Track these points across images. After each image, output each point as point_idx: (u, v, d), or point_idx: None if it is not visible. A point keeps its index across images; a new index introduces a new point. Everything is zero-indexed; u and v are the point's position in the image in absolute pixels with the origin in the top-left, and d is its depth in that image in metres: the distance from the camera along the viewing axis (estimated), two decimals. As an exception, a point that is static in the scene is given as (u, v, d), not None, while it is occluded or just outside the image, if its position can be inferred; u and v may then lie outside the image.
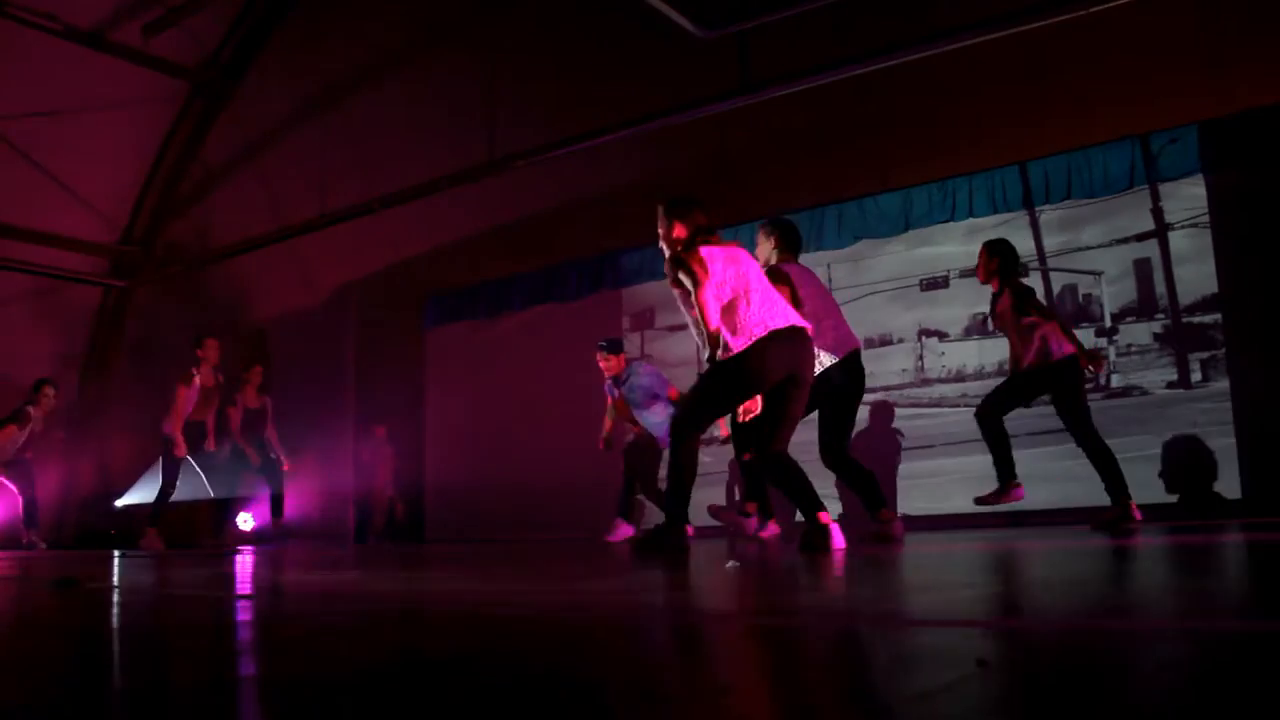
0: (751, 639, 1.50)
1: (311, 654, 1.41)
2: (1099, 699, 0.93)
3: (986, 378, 7.87)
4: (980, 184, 7.85)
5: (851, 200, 8.38)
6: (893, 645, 1.29)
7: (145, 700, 1.06)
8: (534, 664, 1.23)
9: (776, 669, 1.18)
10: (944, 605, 1.85)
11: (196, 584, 3.40)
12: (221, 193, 12.48)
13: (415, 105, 10.38)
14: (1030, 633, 1.41)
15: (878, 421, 8.33)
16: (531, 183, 9.30)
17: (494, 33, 9.49)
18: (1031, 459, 7.52)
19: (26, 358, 10.69)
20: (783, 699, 0.98)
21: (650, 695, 1.01)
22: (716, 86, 7.86)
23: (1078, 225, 7.60)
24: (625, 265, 9.58)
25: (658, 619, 1.80)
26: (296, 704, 1.01)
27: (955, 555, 3.65)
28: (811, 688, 1.01)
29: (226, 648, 1.51)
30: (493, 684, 1.08)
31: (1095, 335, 7.44)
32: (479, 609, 2.03)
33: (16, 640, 1.74)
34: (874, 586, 2.40)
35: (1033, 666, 1.09)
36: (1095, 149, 7.39)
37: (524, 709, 0.94)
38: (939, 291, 8.18)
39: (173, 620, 2.12)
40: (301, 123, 11.39)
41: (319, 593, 2.83)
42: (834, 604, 2.02)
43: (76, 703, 1.05)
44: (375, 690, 1.02)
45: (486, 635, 1.55)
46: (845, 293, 8.60)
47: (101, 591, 2.94)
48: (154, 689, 1.14)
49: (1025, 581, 2.39)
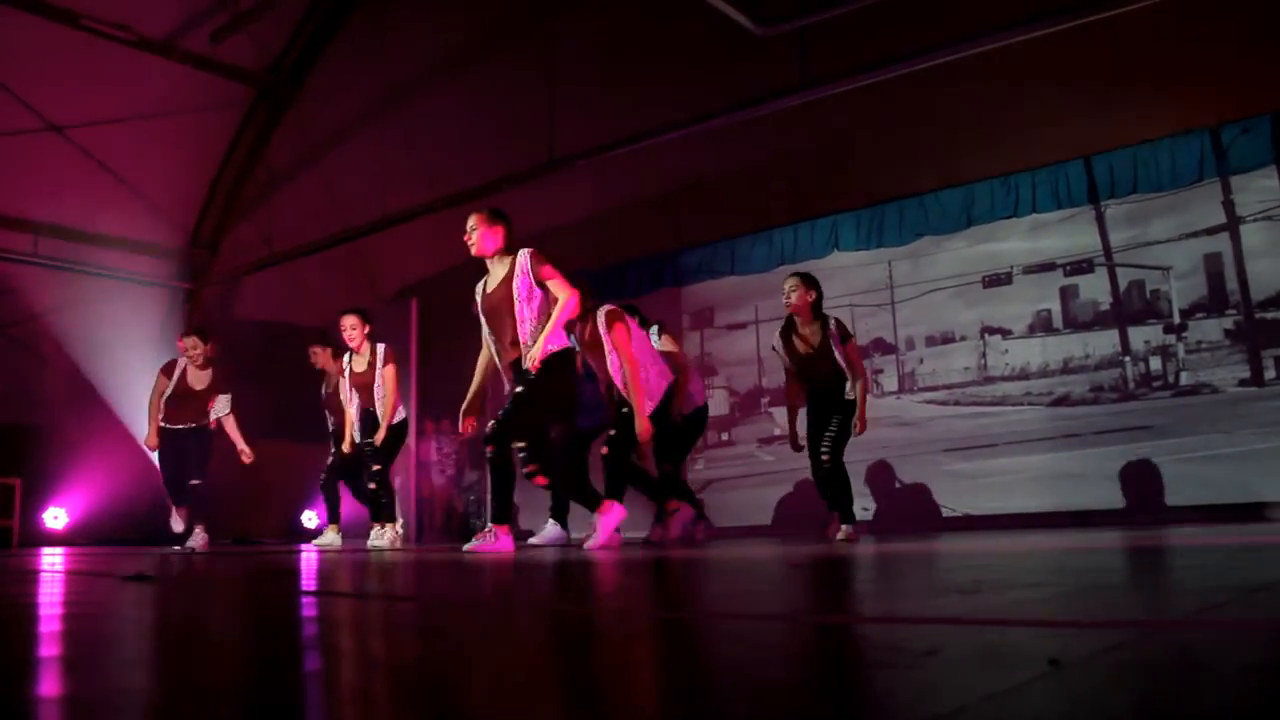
0: (808, 638, 1.50)
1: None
2: (1176, 700, 0.91)
3: (1051, 375, 7.77)
4: (1044, 179, 7.76)
5: (912, 197, 8.31)
6: (958, 645, 1.29)
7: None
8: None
9: (837, 670, 1.18)
10: (1010, 605, 1.83)
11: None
12: (285, 195, 12.66)
13: (475, 105, 10.45)
14: (1104, 632, 1.39)
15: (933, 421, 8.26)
16: (590, 181, 9.33)
17: (553, 32, 9.53)
18: (1097, 458, 7.42)
19: (104, 362, 10.91)
20: (847, 699, 0.98)
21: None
22: (775, 84, 7.83)
23: (1145, 220, 7.47)
24: (684, 263, 9.59)
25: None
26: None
27: (1020, 555, 3.61)
28: (876, 690, 1.01)
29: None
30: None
31: (1164, 332, 7.31)
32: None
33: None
34: (936, 586, 2.38)
35: (1107, 667, 1.08)
36: (1163, 141, 7.27)
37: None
38: (1002, 288, 8.09)
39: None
40: (363, 124, 11.53)
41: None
42: (896, 603, 2.01)
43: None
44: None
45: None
46: (906, 290, 8.54)
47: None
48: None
49: (1095, 581, 2.35)
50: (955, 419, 8.17)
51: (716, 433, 9.47)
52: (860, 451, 7.99)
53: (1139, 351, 7.43)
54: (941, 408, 8.26)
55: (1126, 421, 7.34)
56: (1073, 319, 7.76)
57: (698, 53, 8.87)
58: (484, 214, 5.61)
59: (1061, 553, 3.68)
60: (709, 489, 9.29)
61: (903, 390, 8.50)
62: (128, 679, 1.19)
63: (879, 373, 8.53)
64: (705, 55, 8.77)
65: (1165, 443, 7.16)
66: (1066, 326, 7.78)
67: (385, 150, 10.70)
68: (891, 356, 8.59)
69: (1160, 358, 7.34)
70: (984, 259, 8.15)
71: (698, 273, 9.51)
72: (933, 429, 8.23)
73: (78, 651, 1.45)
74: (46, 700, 1.03)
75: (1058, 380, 7.75)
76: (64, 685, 1.13)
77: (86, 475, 11.16)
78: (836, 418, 6.24)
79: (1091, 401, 7.57)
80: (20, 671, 1.24)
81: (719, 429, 9.46)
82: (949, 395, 8.22)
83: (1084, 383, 7.63)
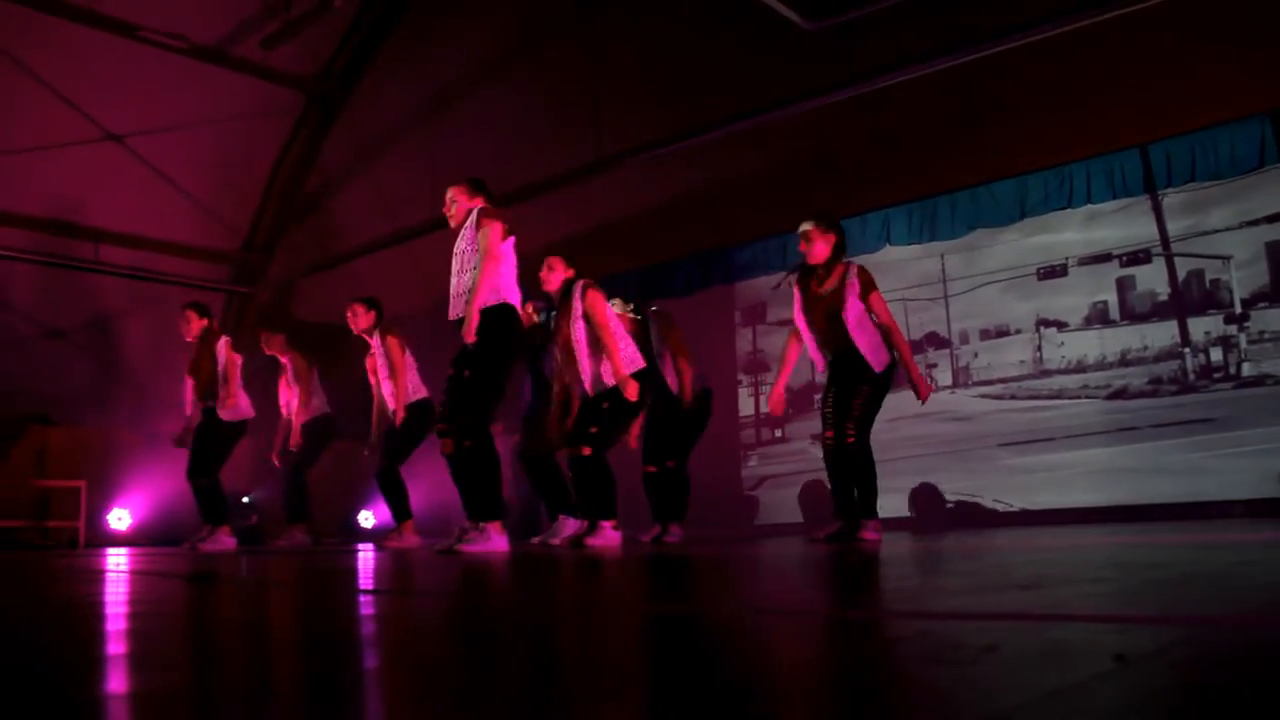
0: (871, 637, 1.49)
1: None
2: (1245, 698, 0.90)
3: (1108, 368, 7.66)
4: (1098, 168, 7.64)
5: (964, 189, 8.22)
6: (1019, 642, 1.27)
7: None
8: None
9: (894, 666, 1.18)
10: (1072, 600, 1.81)
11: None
12: (337, 198, 12.81)
13: (522, 106, 10.50)
14: (1168, 629, 1.37)
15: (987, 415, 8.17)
16: (637, 180, 9.33)
17: (598, 31, 9.54)
18: (1156, 452, 7.31)
19: (164, 365, 11.09)
20: (904, 696, 0.98)
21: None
22: (824, 78, 7.79)
23: (1204, 208, 7.34)
24: (736, 260, 9.57)
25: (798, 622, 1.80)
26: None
27: (1080, 550, 3.56)
28: (936, 686, 1.01)
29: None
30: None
31: (1225, 322, 7.18)
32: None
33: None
34: (995, 581, 2.36)
35: (1174, 664, 1.07)
36: (1221, 128, 7.13)
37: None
38: (1057, 280, 7.99)
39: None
40: (413, 127, 11.63)
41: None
42: (954, 599, 1.99)
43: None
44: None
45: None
46: (959, 283, 8.46)
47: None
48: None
49: (1157, 576, 2.32)
50: (1011, 413, 8.08)
51: (770, 429, 9.44)
52: (912, 447, 7.94)
53: (1199, 343, 7.30)
54: (997, 401, 8.17)
55: (1186, 414, 7.23)
56: (1130, 310, 7.64)
57: (744, 48, 8.84)
58: (464, 185, 5.43)
59: (1121, 547, 3.63)
60: (763, 485, 9.27)
61: (957, 385, 8.42)
62: (190, 676, 1.21)
63: (933, 367, 8.46)
64: (752, 51, 8.74)
65: (1226, 435, 7.03)
66: (1124, 318, 7.67)
67: (435, 152, 10.77)
68: (945, 351, 8.52)
69: (1221, 349, 7.21)
70: (1038, 251, 8.06)
71: (749, 269, 9.49)
72: (988, 423, 8.15)
73: (144, 649, 1.48)
74: (114, 696, 1.05)
75: (1115, 373, 7.64)
76: (130, 682, 1.15)
77: (148, 477, 11.36)
78: (864, 388, 5.20)
79: (1150, 394, 7.45)
80: (90, 668, 1.27)
81: (773, 425, 9.43)
82: (1004, 389, 8.13)
83: (1142, 375, 7.52)
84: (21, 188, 11.05)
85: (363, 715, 0.95)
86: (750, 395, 9.76)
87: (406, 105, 11.74)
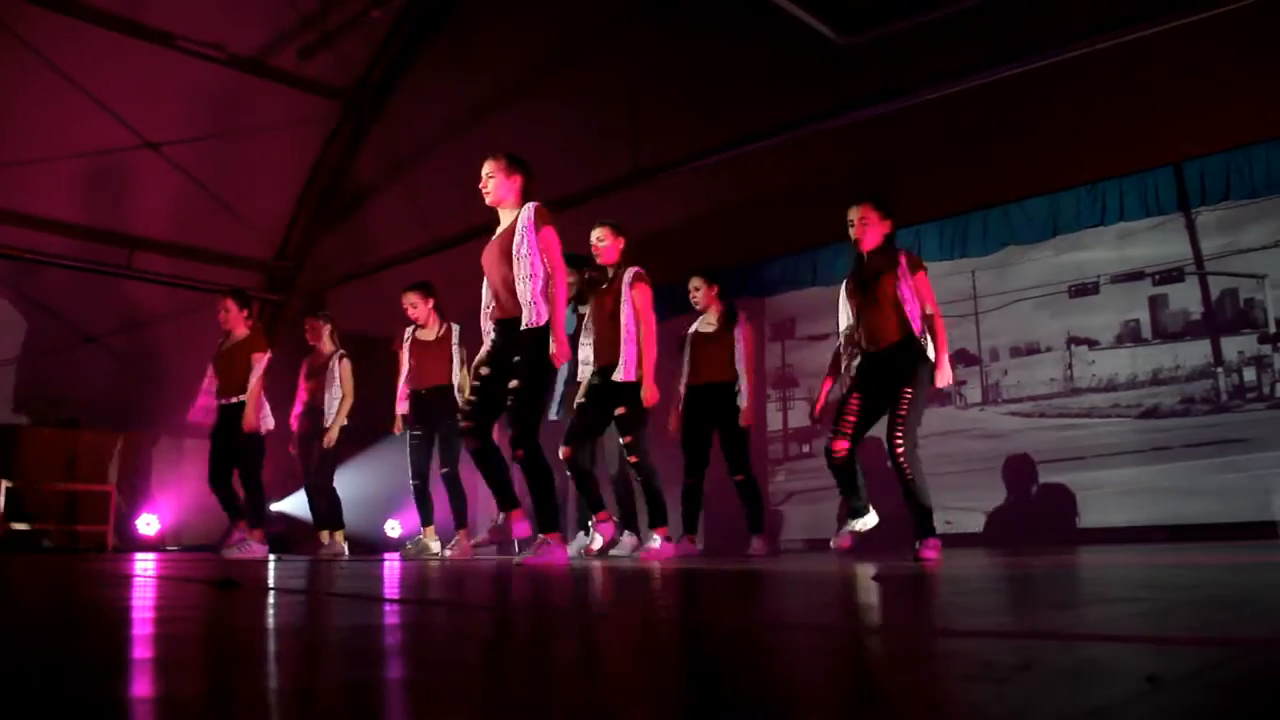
0: (916, 654, 1.48)
1: None
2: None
3: (1140, 387, 7.59)
4: (1132, 186, 7.58)
5: (997, 206, 8.18)
6: (1052, 661, 1.26)
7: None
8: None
9: (926, 683, 1.17)
10: (1105, 620, 1.79)
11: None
12: (372, 207, 12.89)
13: (558, 118, 10.53)
14: (1202, 651, 1.36)
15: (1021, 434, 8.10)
16: (670, 193, 9.34)
17: (634, 44, 9.57)
18: (1188, 472, 7.23)
19: (195, 372, 11.20)
20: (939, 714, 0.97)
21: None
22: (856, 94, 7.78)
23: (1239, 226, 7.27)
24: (767, 274, 9.55)
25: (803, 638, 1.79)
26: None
27: (1112, 569, 3.53)
28: (967, 704, 1.00)
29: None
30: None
31: (1259, 342, 7.10)
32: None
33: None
34: (1027, 600, 2.35)
35: (1207, 686, 1.05)
36: (1257, 146, 7.05)
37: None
38: (1089, 298, 7.92)
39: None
40: (447, 138, 11.68)
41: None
42: (987, 617, 1.98)
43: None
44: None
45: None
46: (990, 300, 8.41)
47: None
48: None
49: (1191, 597, 2.29)
50: (1041, 431, 8.01)
51: (798, 444, 9.41)
52: (946, 464, 7.89)
53: (1232, 362, 7.22)
54: (1027, 419, 8.10)
55: (1219, 434, 7.13)
56: (1162, 329, 7.57)
57: (778, 63, 8.85)
58: (502, 160, 5.21)
59: (1154, 568, 3.59)
60: (790, 500, 9.24)
61: (987, 402, 8.37)
62: (214, 681, 1.22)
63: (962, 383, 8.40)
64: (785, 66, 8.74)
65: (1260, 456, 6.94)
66: (1156, 337, 7.59)
67: (469, 163, 10.77)
68: (975, 368, 8.46)
69: (1255, 368, 7.13)
70: (1070, 268, 8.00)
71: (780, 284, 9.46)
72: (1018, 441, 8.08)
73: (169, 653, 1.49)
74: (139, 700, 1.06)
75: (1147, 392, 7.57)
76: (156, 686, 1.16)
77: (177, 483, 11.46)
78: (907, 393, 4.76)
79: (1182, 413, 7.37)
80: (115, 672, 1.28)
81: (800, 440, 9.40)
82: (1034, 407, 8.07)
83: (1174, 394, 7.44)
84: (58, 194, 11.19)
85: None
86: (779, 410, 9.73)
87: (441, 116, 11.81)
